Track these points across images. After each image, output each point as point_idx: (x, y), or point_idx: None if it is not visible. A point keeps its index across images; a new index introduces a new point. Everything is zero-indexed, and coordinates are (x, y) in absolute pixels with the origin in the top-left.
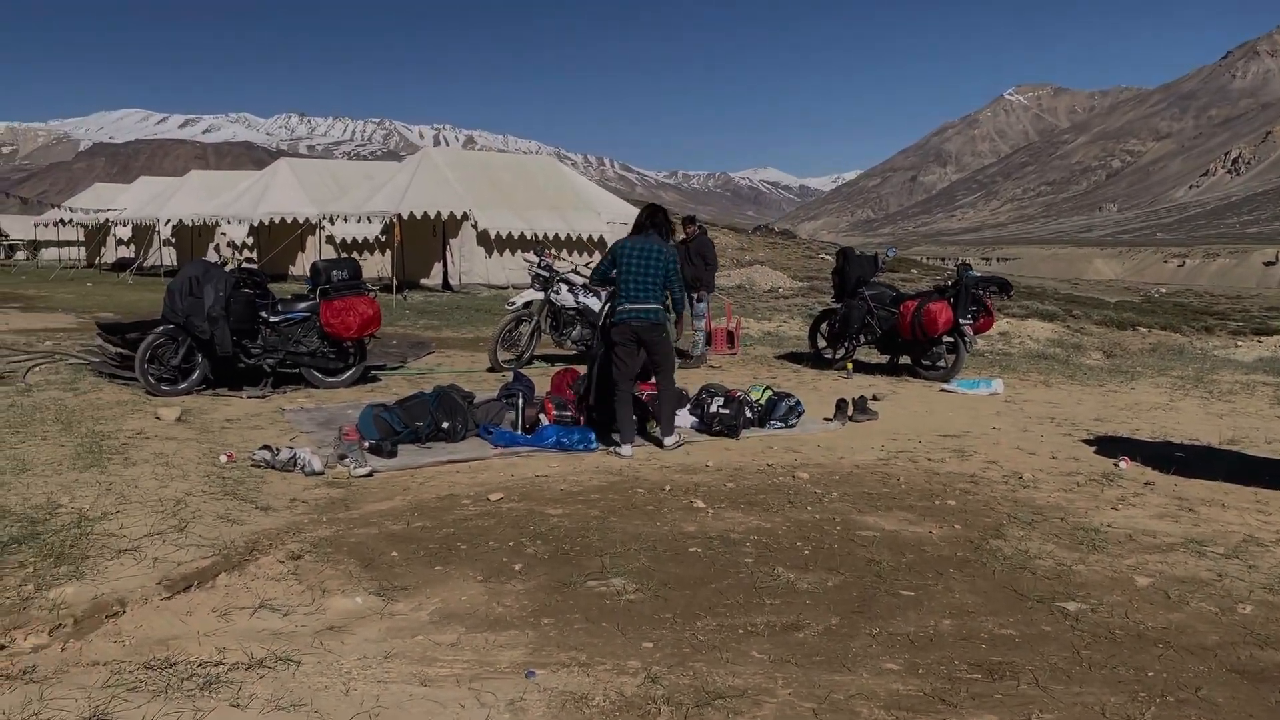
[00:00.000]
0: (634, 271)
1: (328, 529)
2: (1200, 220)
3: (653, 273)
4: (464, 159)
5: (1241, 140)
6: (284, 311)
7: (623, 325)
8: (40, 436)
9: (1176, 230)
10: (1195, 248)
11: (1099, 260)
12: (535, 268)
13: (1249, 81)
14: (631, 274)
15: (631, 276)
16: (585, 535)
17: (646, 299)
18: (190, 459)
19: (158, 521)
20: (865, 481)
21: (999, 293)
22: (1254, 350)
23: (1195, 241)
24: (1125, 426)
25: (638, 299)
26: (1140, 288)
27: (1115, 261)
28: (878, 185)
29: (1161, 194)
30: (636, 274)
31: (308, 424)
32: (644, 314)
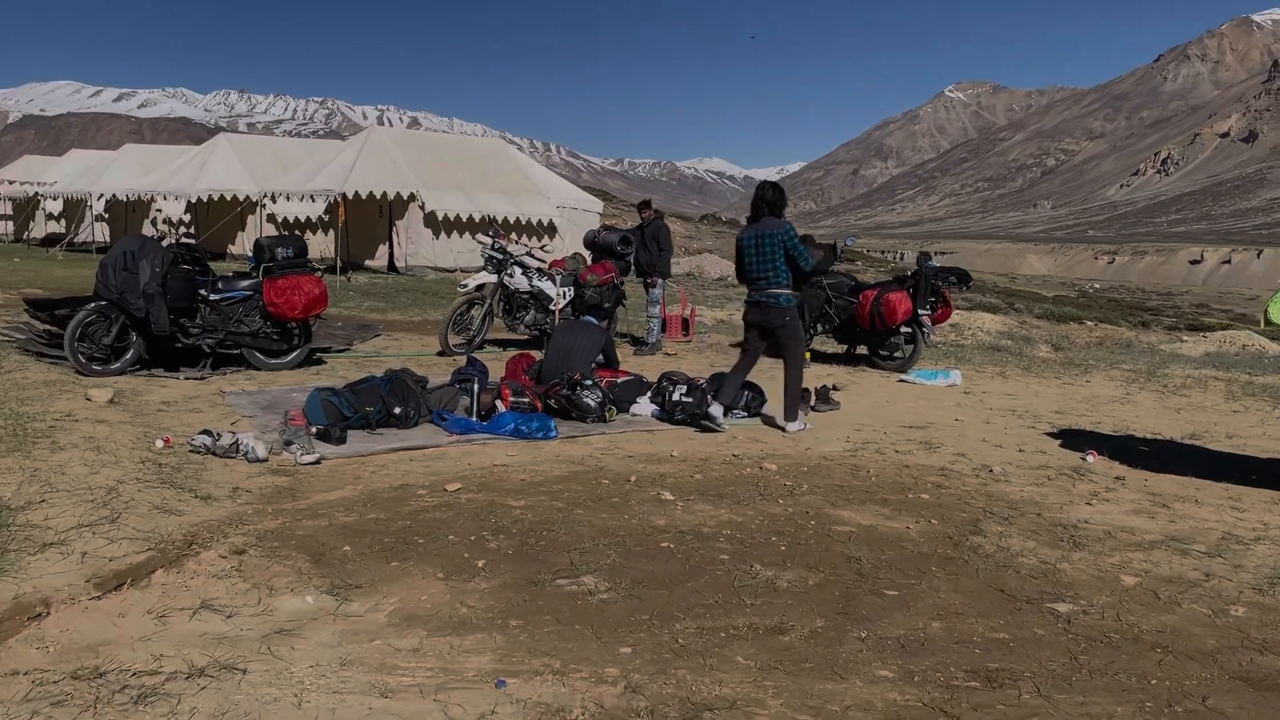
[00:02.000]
0: (751, 260)
1: (274, 520)
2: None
3: (768, 256)
4: (411, 139)
5: (1171, 141)
6: (225, 290)
7: (748, 309)
8: None
9: (1107, 228)
10: (1125, 245)
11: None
12: (489, 249)
13: (1179, 84)
14: (750, 262)
15: (752, 265)
16: (550, 529)
17: (768, 284)
18: (123, 444)
19: (87, 512)
20: (835, 474)
21: (958, 284)
22: (1200, 345)
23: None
24: (1086, 420)
25: (759, 285)
26: (1075, 283)
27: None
28: (820, 178)
29: (1094, 192)
30: (752, 261)
31: (250, 408)
32: (764, 299)
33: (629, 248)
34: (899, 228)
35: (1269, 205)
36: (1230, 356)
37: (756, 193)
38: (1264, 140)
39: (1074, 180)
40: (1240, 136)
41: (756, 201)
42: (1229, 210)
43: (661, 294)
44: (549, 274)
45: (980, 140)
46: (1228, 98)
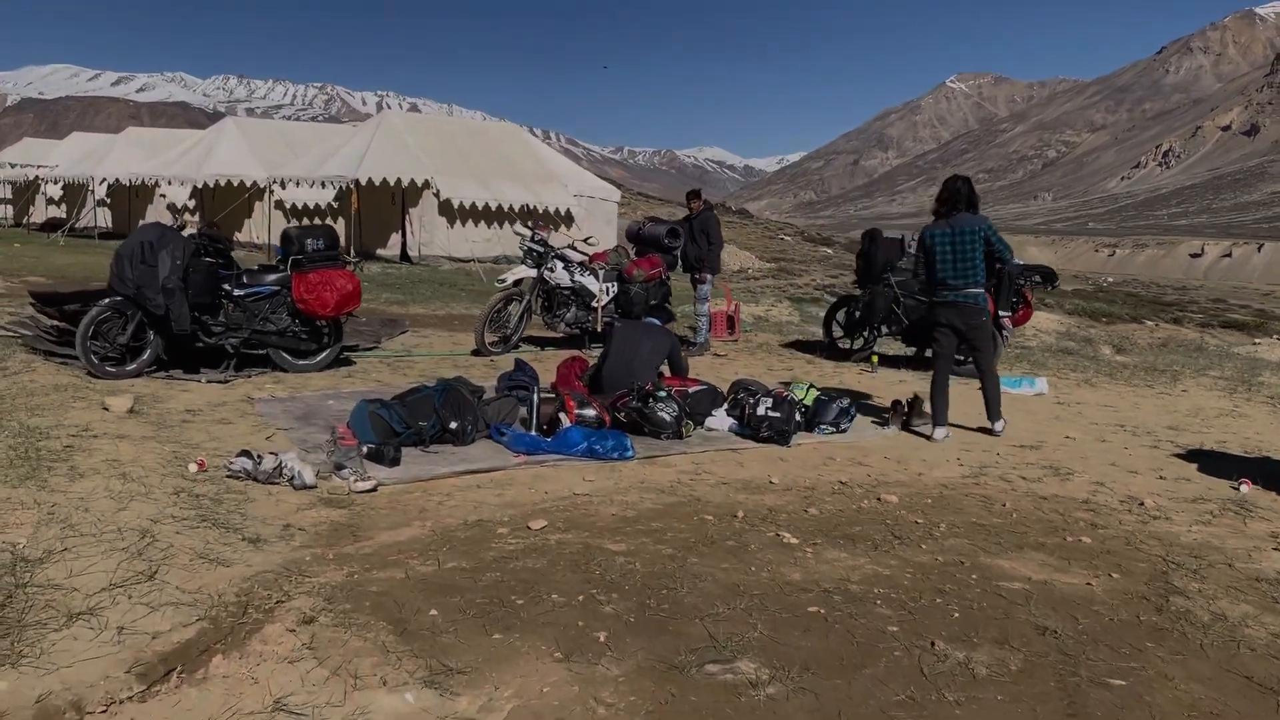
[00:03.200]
0: (942, 257)
1: (339, 571)
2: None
3: (967, 253)
4: (425, 124)
5: (1172, 134)
6: (250, 284)
7: (935, 309)
8: None
9: (1108, 220)
10: (1125, 238)
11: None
12: (528, 241)
13: (1181, 77)
14: (939, 260)
15: (940, 263)
16: (669, 585)
17: (965, 284)
18: (151, 467)
19: (120, 565)
20: (966, 508)
21: (1042, 283)
22: (1278, 348)
23: (1125, 232)
24: (1205, 437)
25: (955, 284)
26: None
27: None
28: (821, 168)
29: (1094, 184)
30: (944, 260)
31: (284, 418)
32: (962, 299)
33: (677, 241)
34: (899, 219)
35: (1270, 199)
36: None
37: (948, 187)
38: (1265, 134)
39: (1075, 172)
40: (1242, 130)
41: (950, 196)
42: (1229, 204)
43: (710, 290)
44: (592, 269)
45: (981, 131)
46: (1230, 91)
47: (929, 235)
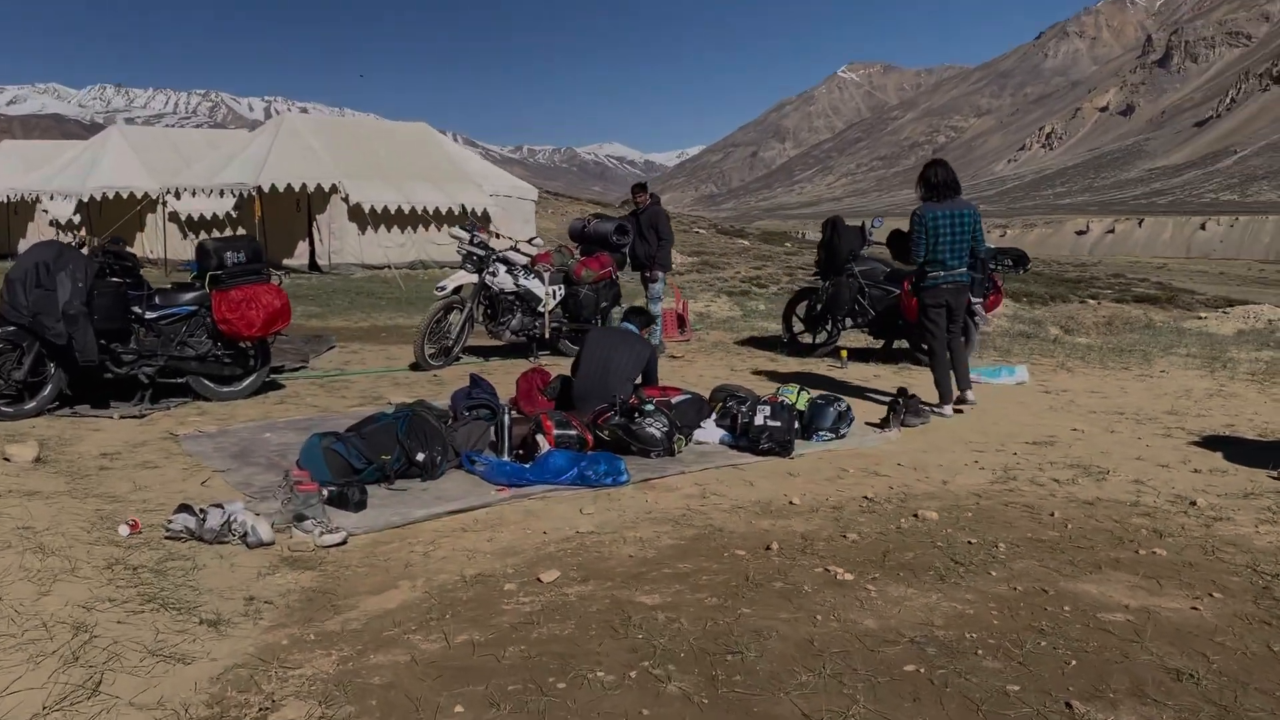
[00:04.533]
0: (947, 239)
1: (327, 656)
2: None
3: (964, 237)
4: (328, 126)
5: (1054, 116)
6: (164, 305)
7: (936, 290)
8: None
9: (998, 202)
10: (1015, 218)
11: None
12: (467, 245)
13: (1060, 60)
14: (945, 241)
15: (946, 244)
16: (731, 648)
17: (958, 264)
18: (73, 534)
19: (52, 676)
20: (1014, 521)
21: (1014, 267)
22: (1228, 322)
23: (1015, 212)
24: (1210, 421)
25: (952, 265)
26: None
27: None
28: (720, 160)
29: (983, 168)
30: (951, 241)
31: (218, 458)
32: (962, 279)
33: (626, 238)
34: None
35: (1147, 176)
36: (1271, 335)
37: (941, 172)
38: (1140, 113)
39: (964, 156)
40: (1118, 110)
41: (946, 181)
42: (1110, 181)
43: (662, 289)
44: (536, 271)
45: (873, 120)
46: (1105, 73)
47: (933, 216)
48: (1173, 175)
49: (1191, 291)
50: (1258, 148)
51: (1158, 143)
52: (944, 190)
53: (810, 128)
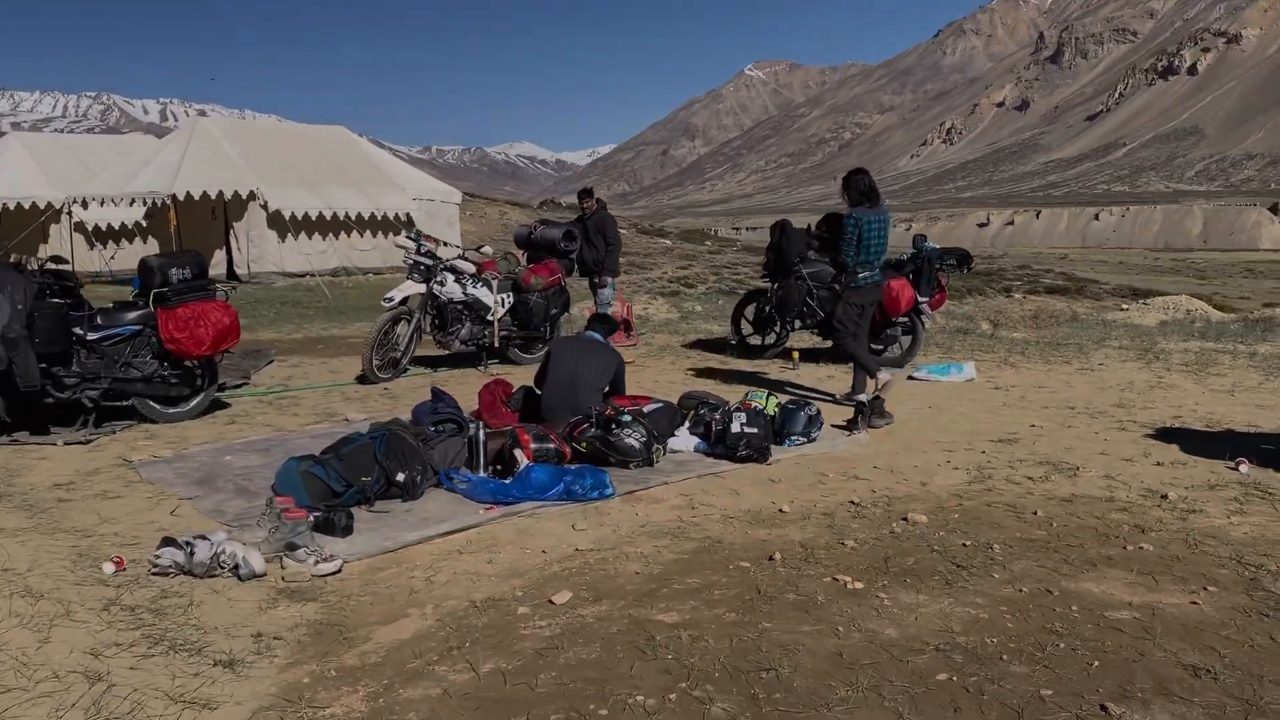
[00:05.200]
0: (876, 241)
1: (354, 694)
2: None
3: (885, 239)
4: (244, 130)
5: (953, 113)
6: (106, 325)
7: (865, 289)
8: None
9: (903, 196)
10: (919, 212)
11: None
12: (414, 254)
13: (958, 58)
14: (875, 244)
15: (875, 246)
16: (763, 664)
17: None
18: (57, 573)
19: None
20: (1000, 521)
21: (958, 266)
22: (1149, 314)
23: (919, 206)
24: (1155, 413)
25: (877, 266)
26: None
27: None
28: (631, 159)
29: (888, 163)
30: (879, 244)
31: (181, 485)
32: (880, 278)
33: (574, 244)
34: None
35: (1043, 169)
36: (1191, 325)
37: (867, 180)
38: (1035, 108)
39: (869, 152)
40: (1014, 105)
41: (872, 187)
42: (1008, 175)
43: (612, 295)
44: (484, 279)
45: (781, 117)
46: (1001, 70)
47: (867, 220)
48: (1067, 168)
49: (1096, 281)
50: (1145, 139)
51: (1052, 137)
52: (873, 196)
53: (719, 125)
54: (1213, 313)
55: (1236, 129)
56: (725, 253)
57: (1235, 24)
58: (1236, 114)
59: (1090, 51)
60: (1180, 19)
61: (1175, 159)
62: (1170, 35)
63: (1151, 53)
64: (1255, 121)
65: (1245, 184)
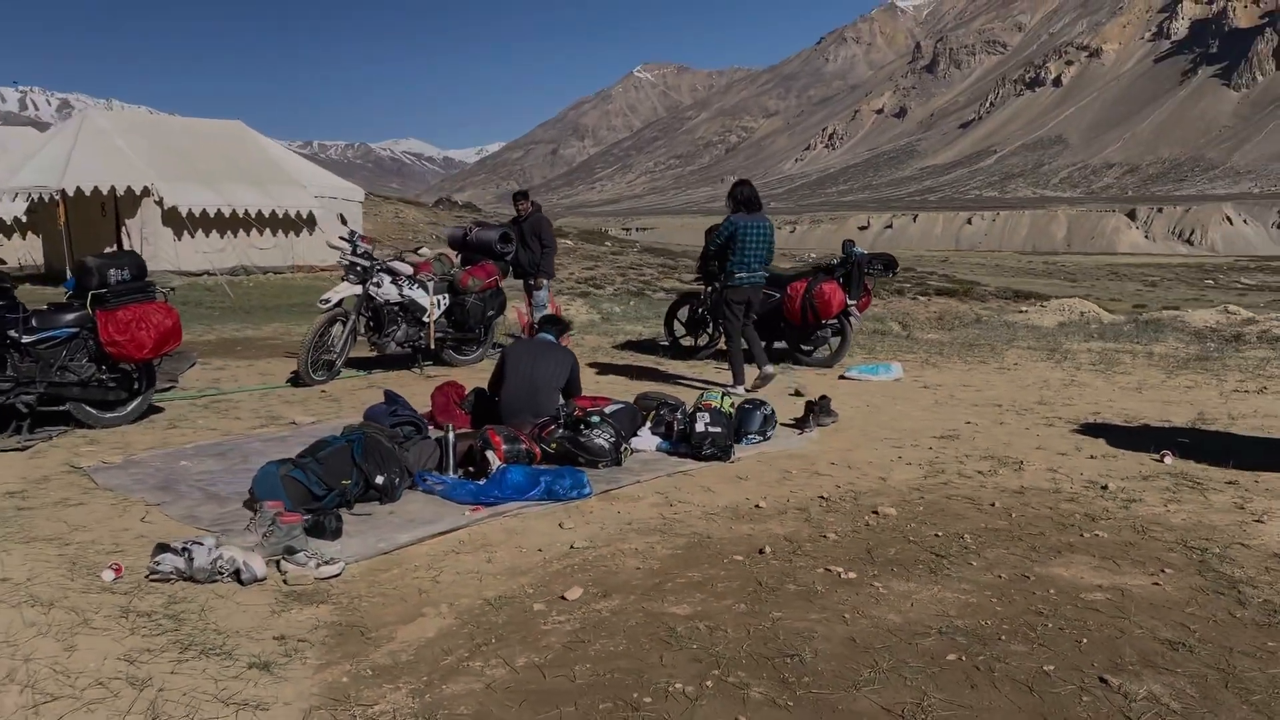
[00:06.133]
0: (755, 245)
1: (397, 691)
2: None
3: (766, 246)
4: (136, 123)
5: (835, 118)
6: (41, 328)
7: (741, 289)
8: None
9: (787, 199)
10: (803, 215)
11: None
12: (350, 255)
13: (839, 65)
14: (752, 248)
15: (751, 250)
16: (784, 651)
17: (762, 268)
18: (58, 583)
19: None
20: (963, 512)
21: (884, 271)
22: (1046, 315)
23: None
24: (1075, 409)
25: (755, 268)
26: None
27: None
28: (521, 158)
29: (773, 166)
30: (756, 248)
31: (142, 490)
32: (761, 279)
33: (510, 245)
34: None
35: (919, 174)
36: (1088, 326)
37: (747, 189)
38: (912, 115)
39: (755, 156)
40: (893, 112)
41: (754, 196)
42: (887, 179)
43: (548, 297)
44: (420, 281)
45: (669, 119)
46: (880, 77)
47: (744, 226)
48: (942, 173)
49: (978, 283)
50: (1014, 147)
51: (928, 143)
52: (750, 205)
53: (609, 126)
54: (1104, 314)
55: (1097, 138)
56: (627, 254)
57: (1096, 38)
58: (1097, 124)
59: (964, 62)
60: (1046, 32)
61: (1042, 166)
62: (1037, 48)
63: (1020, 64)
64: (1114, 132)
65: (1105, 190)
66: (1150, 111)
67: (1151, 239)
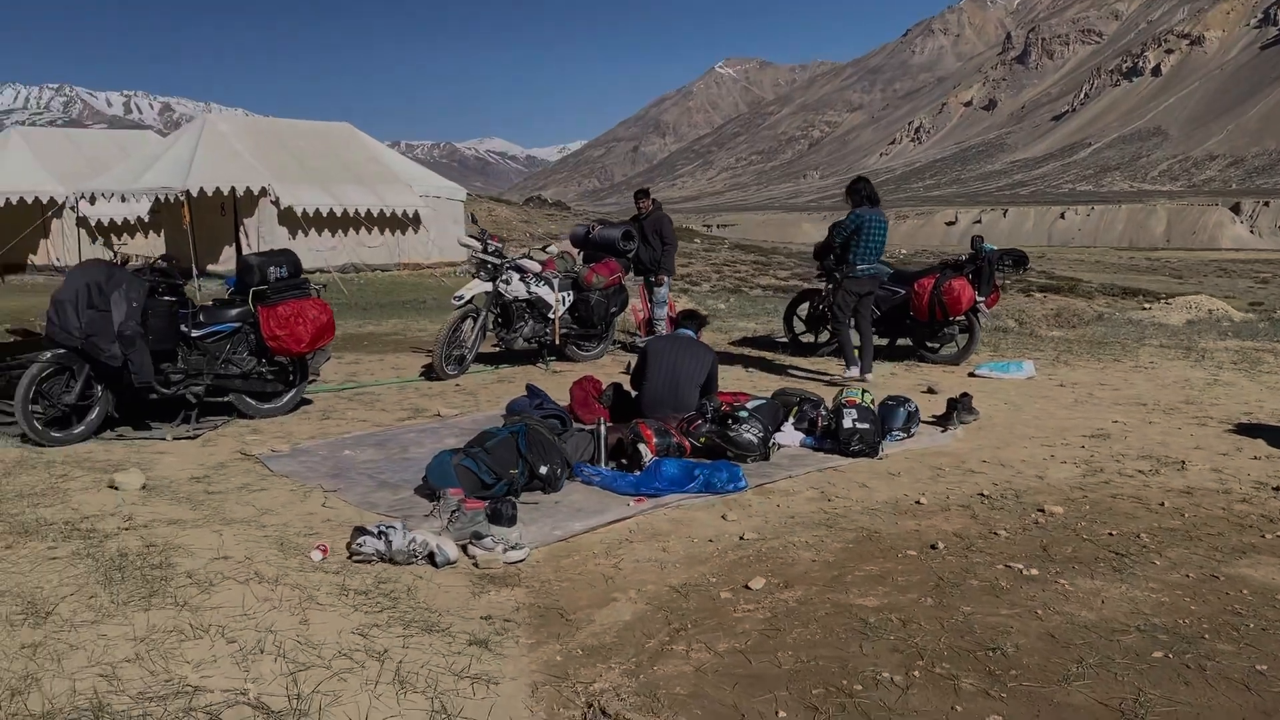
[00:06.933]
0: (876, 238)
1: (613, 671)
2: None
3: (883, 239)
4: (253, 127)
5: (922, 111)
6: (208, 323)
7: (861, 279)
8: None
9: None
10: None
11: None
12: (480, 253)
13: (926, 57)
14: (874, 240)
15: (874, 242)
16: (984, 644)
17: (879, 260)
18: (275, 561)
19: (402, 704)
20: (1132, 512)
21: (1014, 267)
22: (1174, 313)
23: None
24: (1225, 409)
25: (875, 260)
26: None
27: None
28: (602, 155)
29: (857, 161)
30: (878, 240)
31: (317, 477)
32: (879, 270)
33: (632, 243)
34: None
35: (1009, 168)
36: (1219, 324)
37: (870, 186)
38: (1002, 108)
39: (838, 151)
40: (982, 105)
41: (874, 192)
42: (976, 174)
43: (667, 294)
44: (545, 278)
45: (751, 115)
46: (968, 69)
47: (869, 219)
48: (1033, 167)
49: (1078, 279)
50: (1110, 140)
51: (1018, 136)
52: (873, 199)
53: (690, 123)
54: (1233, 312)
55: (1199, 129)
56: (718, 250)
57: (1198, 26)
58: (1199, 115)
59: (1056, 52)
60: (1145, 20)
61: (1139, 159)
62: (1135, 36)
63: (1116, 54)
64: (1217, 122)
65: (1207, 184)
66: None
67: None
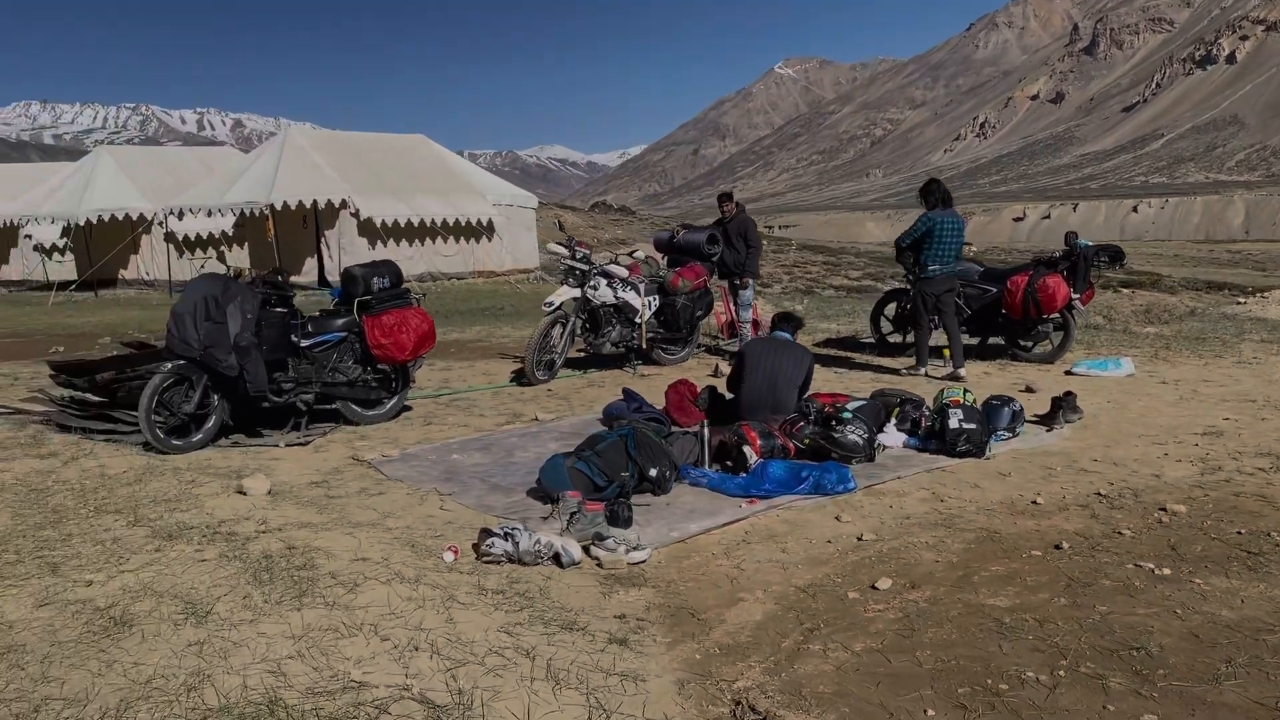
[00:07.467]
0: (949, 239)
1: (753, 670)
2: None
3: (958, 240)
4: (330, 140)
5: (986, 106)
6: (316, 333)
7: (935, 280)
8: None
9: None
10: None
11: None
12: (568, 260)
13: (990, 51)
14: (947, 241)
15: (947, 243)
16: (1125, 644)
17: (955, 260)
18: (412, 562)
19: (560, 701)
20: (1261, 512)
21: (1110, 263)
22: (1270, 307)
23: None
24: None
25: (949, 261)
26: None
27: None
28: (662, 159)
29: (920, 158)
30: (952, 241)
31: (427, 482)
32: (954, 271)
33: (717, 247)
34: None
35: (1079, 162)
36: None
37: (943, 187)
38: (1070, 100)
39: (901, 148)
40: (1049, 98)
41: (947, 193)
42: (1044, 168)
43: (751, 296)
44: (631, 283)
45: (811, 115)
46: (1034, 62)
47: (940, 221)
48: (1103, 160)
49: (1157, 274)
50: (1183, 130)
51: (1088, 129)
52: (946, 201)
53: (750, 124)
54: None
55: (1277, 117)
56: (786, 252)
57: (1274, 11)
58: (1277, 102)
59: (1126, 42)
60: (1217, 7)
61: (1215, 149)
62: (1208, 24)
63: (1189, 42)
64: None
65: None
66: None
67: None
